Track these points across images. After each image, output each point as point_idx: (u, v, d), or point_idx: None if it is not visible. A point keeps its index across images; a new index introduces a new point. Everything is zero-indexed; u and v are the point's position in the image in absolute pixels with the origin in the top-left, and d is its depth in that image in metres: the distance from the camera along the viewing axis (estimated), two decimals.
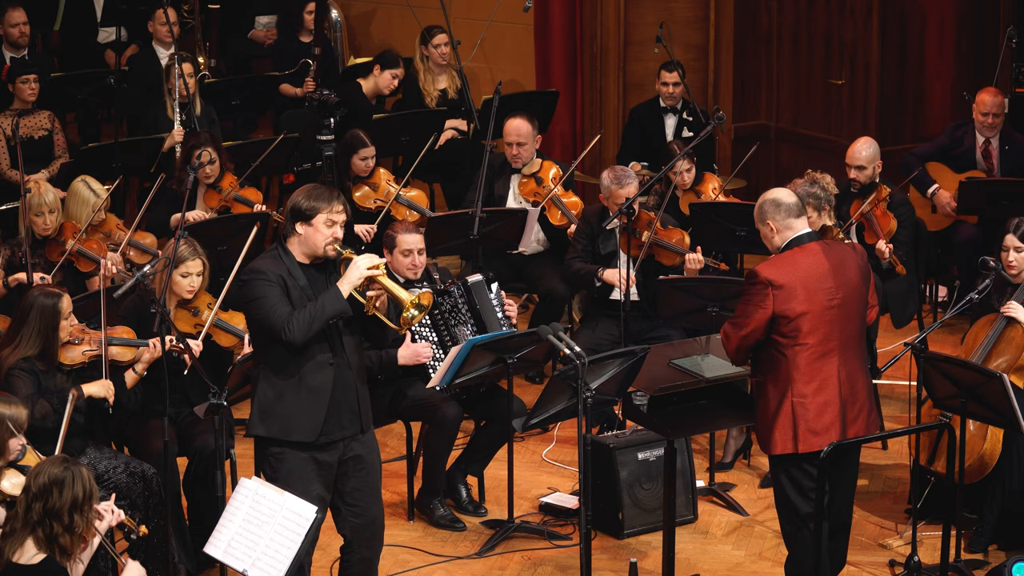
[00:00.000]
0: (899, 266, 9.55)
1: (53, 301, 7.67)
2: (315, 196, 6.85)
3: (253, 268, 6.87)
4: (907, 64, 12.46)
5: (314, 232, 6.83)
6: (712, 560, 8.34)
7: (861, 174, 9.95)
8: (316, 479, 6.92)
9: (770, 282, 6.98)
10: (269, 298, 6.77)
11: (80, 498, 6.27)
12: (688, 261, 9.50)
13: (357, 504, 7.06)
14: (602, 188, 9.64)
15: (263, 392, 6.92)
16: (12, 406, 6.90)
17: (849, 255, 7.16)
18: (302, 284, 6.83)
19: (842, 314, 7.05)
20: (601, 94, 12.73)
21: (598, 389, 7.28)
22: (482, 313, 8.75)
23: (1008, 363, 8.13)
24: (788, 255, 7.10)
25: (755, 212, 7.21)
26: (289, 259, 6.87)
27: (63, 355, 7.72)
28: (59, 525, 6.24)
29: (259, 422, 6.94)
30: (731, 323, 7.11)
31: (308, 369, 6.84)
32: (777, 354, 7.04)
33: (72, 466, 6.31)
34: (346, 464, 7.00)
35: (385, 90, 12.12)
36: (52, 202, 9.41)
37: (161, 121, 11.28)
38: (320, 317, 6.73)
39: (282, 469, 6.91)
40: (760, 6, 12.81)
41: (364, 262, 6.77)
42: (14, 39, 12.15)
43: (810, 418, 7.02)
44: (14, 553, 6.25)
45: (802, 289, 6.99)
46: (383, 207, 10.43)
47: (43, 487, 6.24)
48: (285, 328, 6.72)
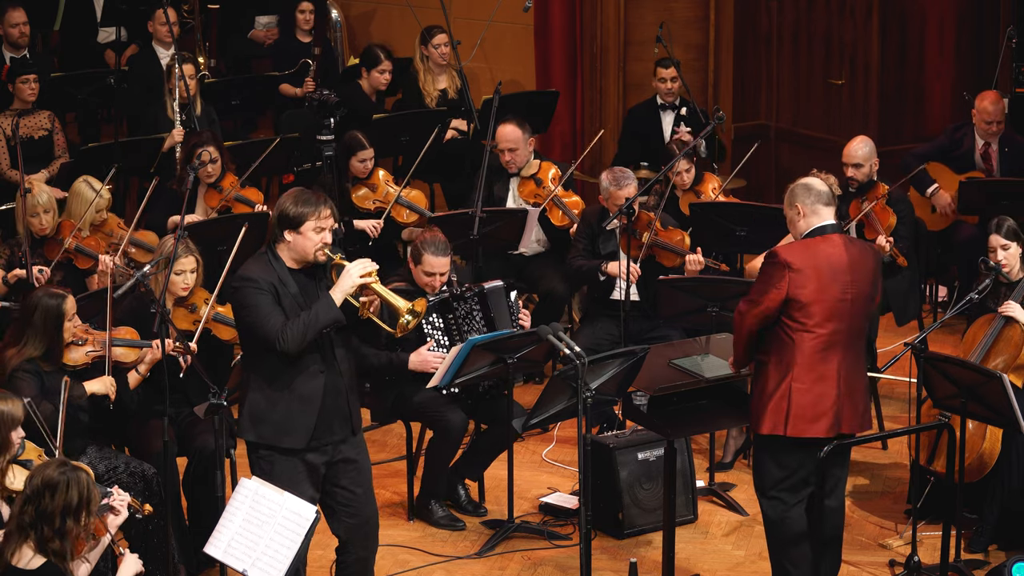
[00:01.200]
0: (900, 258, 9.56)
1: (57, 302, 7.68)
2: (302, 202, 6.81)
3: (243, 275, 6.84)
4: (907, 64, 12.46)
5: (303, 239, 6.81)
6: (712, 560, 8.34)
7: (858, 172, 9.97)
8: (306, 480, 6.93)
9: (788, 264, 6.99)
10: (261, 307, 6.75)
11: (74, 503, 6.19)
12: (688, 263, 9.50)
13: (350, 505, 7.06)
14: (601, 189, 9.64)
15: (254, 398, 6.92)
16: (7, 401, 6.91)
17: (868, 253, 7.19)
18: (293, 291, 6.81)
19: (852, 309, 7.06)
20: (601, 94, 12.73)
21: (598, 389, 7.28)
22: (496, 321, 8.72)
23: (1006, 362, 8.14)
24: (810, 242, 7.10)
25: (785, 196, 7.21)
26: (279, 265, 6.84)
27: (67, 356, 7.73)
28: (49, 529, 6.17)
29: (250, 427, 6.94)
30: (746, 300, 7.12)
31: (299, 377, 6.84)
32: (785, 337, 7.05)
33: (70, 471, 6.24)
34: (336, 467, 7.00)
35: (381, 86, 12.11)
36: (46, 202, 9.41)
37: (161, 121, 11.28)
38: (314, 327, 6.73)
39: (273, 471, 6.91)
40: (760, 6, 12.81)
41: (356, 270, 6.75)
42: (14, 39, 12.15)
43: (804, 404, 7.03)
44: (12, 555, 6.21)
45: (817, 277, 7.00)
46: (383, 208, 10.43)
47: (36, 489, 6.19)
48: (279, 339, 6.71)
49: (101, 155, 10.86)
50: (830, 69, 12.55)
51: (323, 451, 6.93)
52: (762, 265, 7.16)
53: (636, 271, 9.42)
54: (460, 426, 8.52)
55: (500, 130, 10.50)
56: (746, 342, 7.17)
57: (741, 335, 7.16)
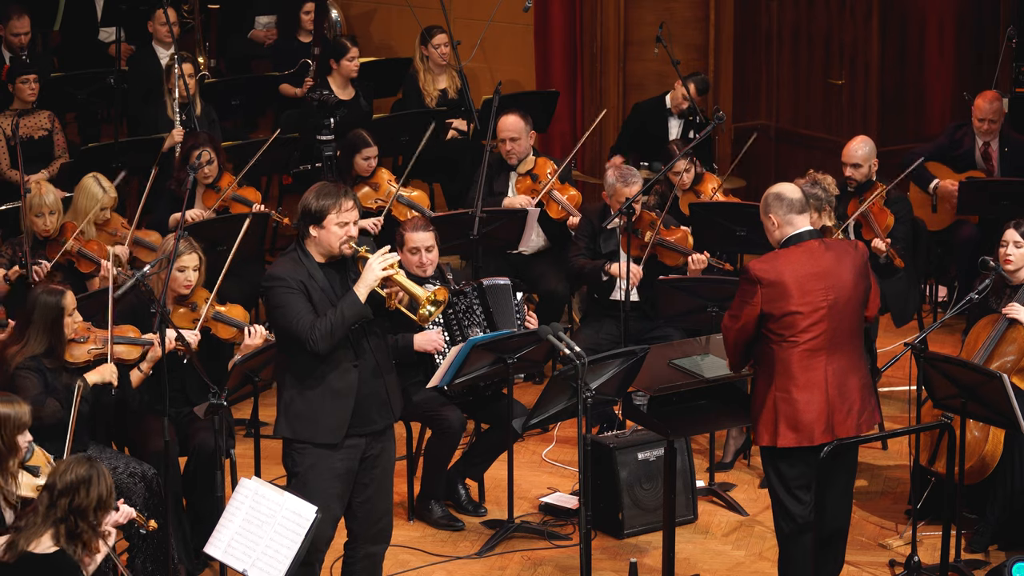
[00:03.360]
0: (897, 259, 9.55)
1: (56, 298, 7.68)
2: (323, 196, 6.86)
3: (273, 274, 6.90)
4: (907, 64, 12.46)
5: (327, 233, 6.85)
6: (712, 560, 8.34)
7: (857, 172, 9.97)
8: (337, 475, 6.95)
9: (758, 279, 6.99)
10: (292, 306, 6.80)
11: (104, 496, 6.39)
12: (692, 262, 9.50)
13: (369, 501, 7.08)
14: (606, 186, 9.64)
15: (288, 396, 6.97)
16: (15, 405, 6.91)
17: (848, 255, 7.15)
18: (323, 286, 6.86)
19: (834, 314, 7.04)
20: (601, 94, 12.73)
21: (598, 389, 7.29)
22: (495, 316, 8.73)
23: (1011, 364, 8.13)
24: (784, 252, 7.10)
25: (760, 204, 7.22)
26: (309, 260, 6.89)
27: (69, 353, 7.73)
28: (84, 523, 6.34)
29: (285, 424, 6.99)
30: (730, 315, 7.15)
31: (332, 372, 6.88)
32: (766, 348, 7.07)
33: (96, 464, 6.42)
34: (366, 461, 7.03)
35: (353, 74, 11.94)
36: (52, 203, 9.40)
37: (161, 121, 11.27)
38: (341, 324, 6.77)
39: (304, 463, 6.94)
40: (760, 6, 12.81)
41: (377, 263, 6.79)
42: (14, 46, 12.15)
43: (790, 414, 7.03)
44: (30, 544, 6.33)
45: (794, 288, 6.99)
46: (384, 207, 10.43)
47: (70, 484, 6.34)
48: (310, 339, 6.76)
49: (101, 155, 10.86)
50: (830, 69, 12.55)
51: (359, 444, 6.97)
52: (739, 280, 7.17)
53: (638, 272, 9.41)
54: (458, 426, 8.53)
55: (502, 120, 10.52)
56: (736, 353, 7.20)
57: (729, 348, 7.21)
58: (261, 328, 8.21)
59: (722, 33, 12.67)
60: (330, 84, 11.82)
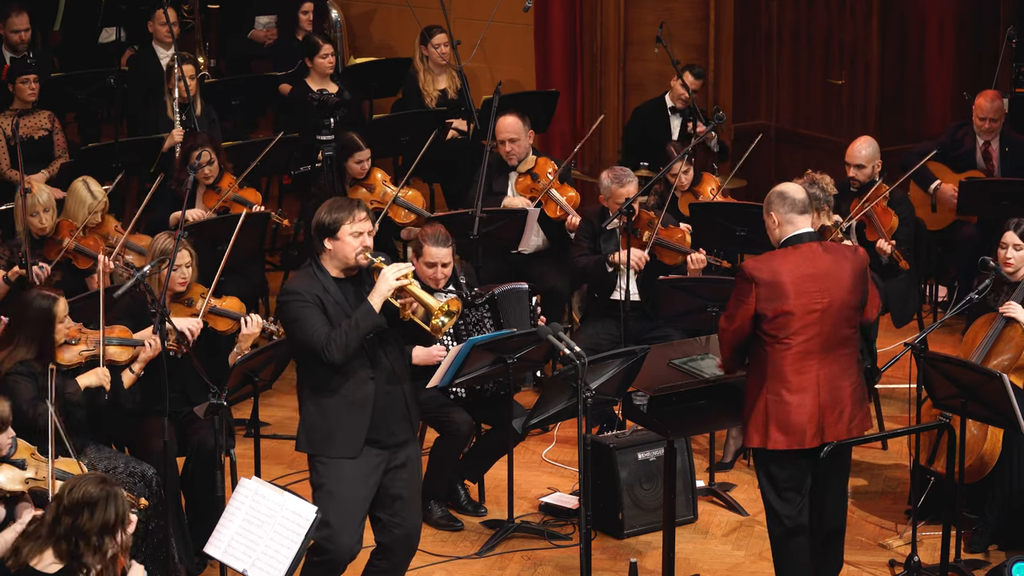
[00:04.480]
0: (902, 261, 9.54)
1: (48, 304, 7.67)
2: (336, 208, 6.89)
3: (289, 288, 6.92)
4: (907, 64, 12.46)
5: (342, 244, 6.86)
6: (712, 560, 8.34)
7: (860, 173, 9.97)
8: (361, 485, 6.94)
9: (753, 279, 6.99)
10: (307, 319, 6.81)
11: (111, 521, 6.15)
12: (691, 261, 9.50)
13: (399, 514, 7.09)
14: (601, 188, 9.64)
15: (307, 410, 6.99)
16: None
17: (846, 259, 7.14)
18: (338, 299, 6.87)
19: (827, 318, 7.03)
20: (601, 94, 12.73)
21: (598, 389, 7.28)
22: (506, 325, 8.70)
23: (1008, 363, 8.13)
24: (781, 252, 7.10)
25: (763, 204, 7.22)
26: (324, 275, 6.91)
27: (60, 356, 7.72)
28: (85, 544, 6.13)
29: (305, 440, 7.01)
30: (725, 316, 7.16)
31: (349, 385, 6.89)
32: (760, 349, 7.07)
33: (110, 487, 6.20)
34: (392, 472, 7.02)
35: (328, 70, 11.95)
36: (46, 202, 9.41)
37: (161, 121, 11.27)
38: (355, 335, 6.78)
39: (325, 476, 6.95)
40: (760, 6, 12.81)
41: (391, 273, 6.79)
42: (14, 43, 12.16)
43: (781, 416, 7.03)
44: (32, 557, 6.18)
45: (790, 288, 6.99)
46: (380, 209, 10.43)
47: (75, 503, 6.14)
48: (325, 350, 6.77)
49: (101, 155, 10.86)
50: (830, 69, 12.55)
51: (382, 456, 6.96)
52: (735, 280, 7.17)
53: (644, 257, 9.40)
54: (466, 429, 8.53)
55: (501, 121, 10.52)
56: (730, 355, 7.20)
57: (724, 349, 7.21)
58: (258, 317, 8.23)
59: (722, 33, 12.67)
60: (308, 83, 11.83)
